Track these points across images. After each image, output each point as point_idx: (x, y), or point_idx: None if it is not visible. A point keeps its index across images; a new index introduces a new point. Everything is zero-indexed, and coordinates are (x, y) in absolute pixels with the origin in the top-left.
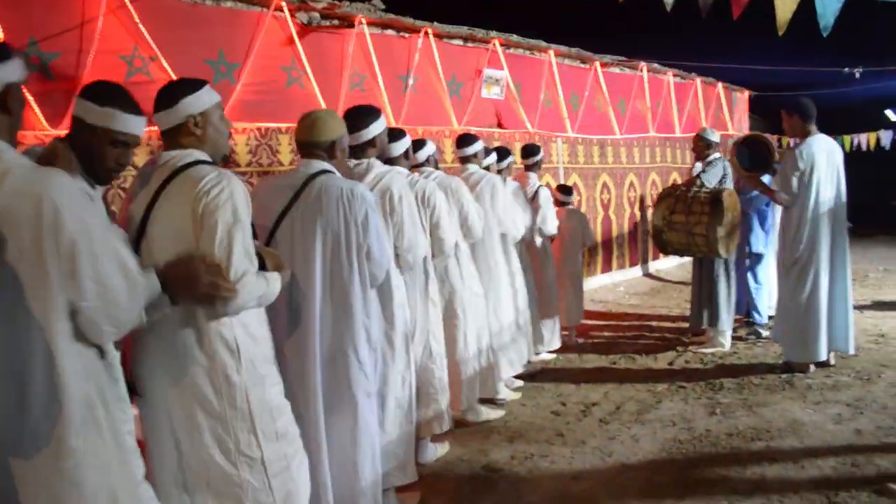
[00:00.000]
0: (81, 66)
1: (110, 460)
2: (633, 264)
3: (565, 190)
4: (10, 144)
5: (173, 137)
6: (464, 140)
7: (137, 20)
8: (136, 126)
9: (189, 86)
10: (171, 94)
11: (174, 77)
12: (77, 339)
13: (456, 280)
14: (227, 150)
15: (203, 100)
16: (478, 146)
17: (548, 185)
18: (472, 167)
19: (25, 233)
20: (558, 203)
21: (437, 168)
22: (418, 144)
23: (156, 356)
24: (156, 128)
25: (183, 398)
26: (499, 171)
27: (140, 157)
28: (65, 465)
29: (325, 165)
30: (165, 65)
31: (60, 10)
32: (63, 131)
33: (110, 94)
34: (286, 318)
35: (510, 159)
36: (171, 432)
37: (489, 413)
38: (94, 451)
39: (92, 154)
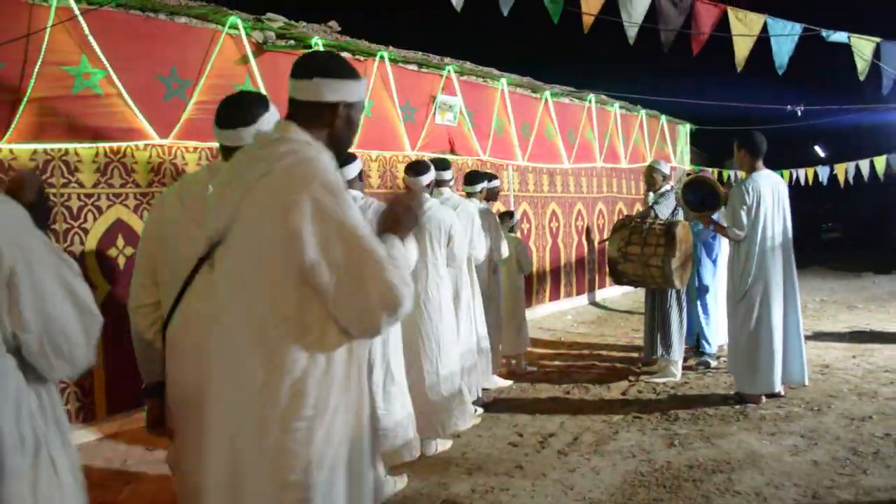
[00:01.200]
0: (26, 77)
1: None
2: (580, 293)
3: (508, 215)
4: None
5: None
6: (415, 168)
7: (87, 32)
8: None
9: (263, 103)
10: (249, 109)
11: (124, 92)
12: (22, 374)
13: (433, 306)
14: None
15: (276, 117)
16: (432, 175)
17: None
18: (446, 191)
19: None
20: None
21: (431, 194)
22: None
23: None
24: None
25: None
26: (469, 195)
27: (140, 176)
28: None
29: None
30: (115, 79)
31: (6, 20)
32: (15, 145)
33: (346, 65)
34: None
35: (484, 184)
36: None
37: (442, 444)
38: (47, 486)
39: (351, 129)
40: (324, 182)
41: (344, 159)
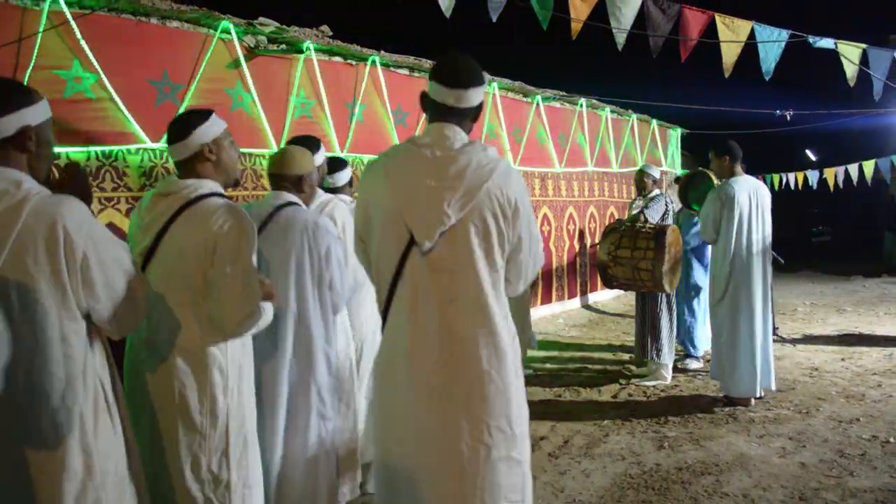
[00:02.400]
0: (18, 80)
1: (113, 448)
2: (572, 296)
3: None
4: (33, 176)
5: (189, 167)
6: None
7: (80, 36)
8: None
9: (199, 116)
10: (184, 125)
11: (115, 96)
12: (89, 337)
13: None
14: (237, 174)
15: (214, 128)
16: (349, 173)
17: None
18: None
19: (41, 248)
20: None
21: None
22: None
23: (147, 365)
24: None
25: (166, 410)
26: None
27: (132, 180)
28: (79, 449)
29: (292, 198)
30: (107, 83)
31: None
32: None
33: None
34: (265, 345)
35: None
36: (146, 440)
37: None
38: (104, 438)
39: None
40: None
41: (334, 165)
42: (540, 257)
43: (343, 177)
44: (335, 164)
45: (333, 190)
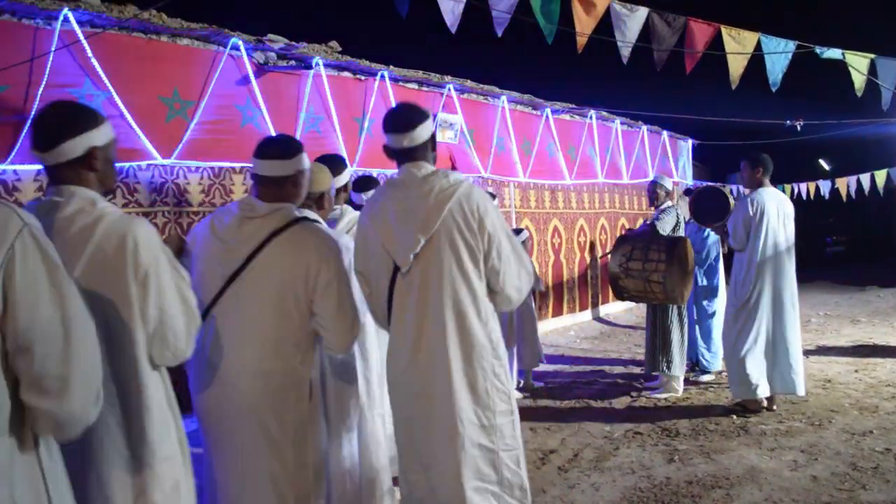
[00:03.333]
0: (30, 99)
1: (177, 456)
2: (583, 308)
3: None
4: (101, 194)
5: (277, 187)
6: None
7: (90, 55)
8: None
9: (298, 144)
10: (288, 146)
11: (126, 113)
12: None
13: None
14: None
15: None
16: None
17: None
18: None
19: (112, 262)
20: None
21: None
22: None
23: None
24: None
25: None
26: None
27: (143, 196)
28: (151, 462)
29: (312, 214)
30: (118, 100)
31: (11, 43)
32: (20, 166)
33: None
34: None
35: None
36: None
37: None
38: (169, 448)
39: None
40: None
41: (365, 184)
42: (525, 263)
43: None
44: (366, 183)
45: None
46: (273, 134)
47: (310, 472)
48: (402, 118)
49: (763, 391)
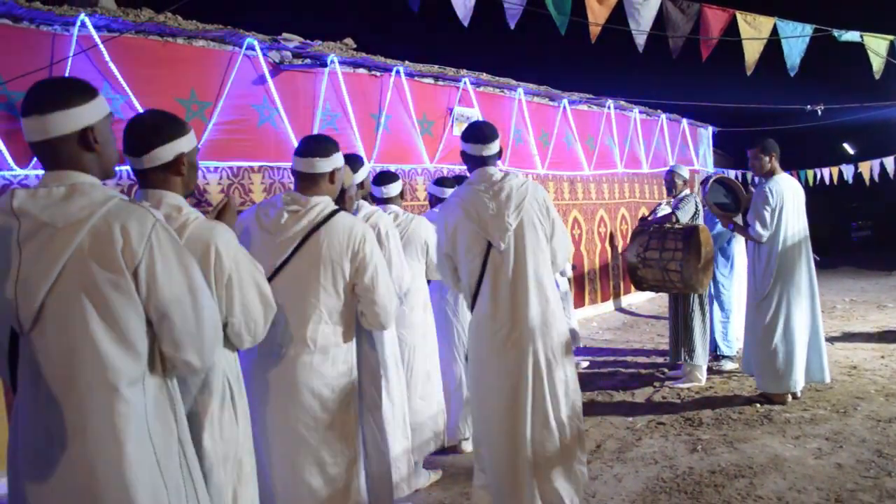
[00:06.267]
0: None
1: (237, 434)
2: (605, 299)
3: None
4: (184, 195)
5: (314, 184)
6: (384, 178)
7: (108, 59)
8: None
9: (334, 143)
10: (325, 144)
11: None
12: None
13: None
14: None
15: (341, 158)
16: (400, 185)
17: None
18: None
19: (198, 265)
20: None
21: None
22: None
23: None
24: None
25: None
26: None
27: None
28: (209, 435)
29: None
30: (136, 103)
31: (30, 49)
32: (41, 171)
33: None
34: None
35: None
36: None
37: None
38: (229, 426)
39: None
40: None
41: (386, 178)
42: (568, 240)
43: (394, 189)
44: (387, 178)
45: (386, 200)
46: (313, 133)
47: (352, 442)
48: (483, 133)
49: (798, 385)
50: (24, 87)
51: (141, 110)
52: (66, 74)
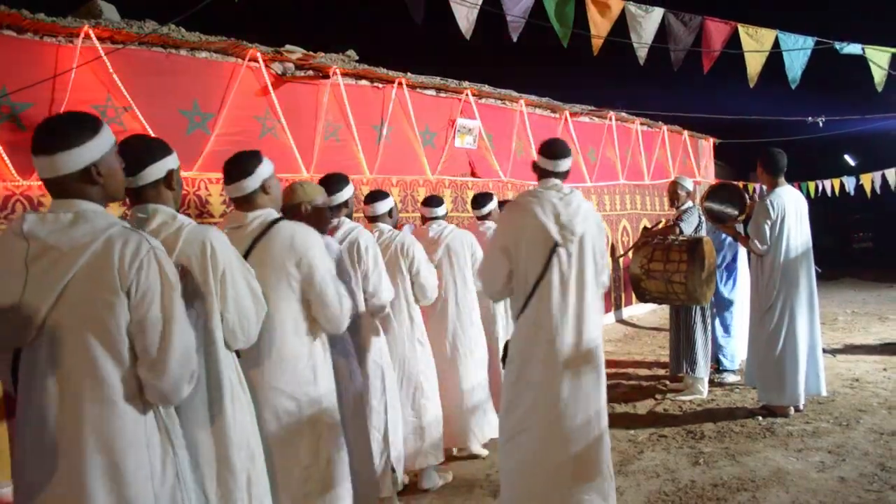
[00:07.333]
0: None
1: (247, 423)
2: (606, 311)
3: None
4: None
5: (248, 202)
6: (371, 197)
7: (111, 70)
8: None
9: (255, 156)
10: (245, 165)
11: (147, 126)
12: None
13: (460, 322)
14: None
15: (267, 168)
16: (389, 203)
17: None
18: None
19: (196, 264)
20: None
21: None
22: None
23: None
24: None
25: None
26: (479, 219)
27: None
28: (224, 425)
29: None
30: (139, 114)
31: (34, 61)
32: (37, 182)
33: None
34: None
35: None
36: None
37: (478, 450)
38: (241, 415)
39: None
40: None
41: (372, 197)
42: (608, 259)
43: (379, 207)
44: (373, 196)
45: (374, 218)
46: (239, 151)
47: (326, 445)
48: (557, 149)
49: (800, 397)
50: (29, 98)
51: (144, 121)
52: (70, 86)
